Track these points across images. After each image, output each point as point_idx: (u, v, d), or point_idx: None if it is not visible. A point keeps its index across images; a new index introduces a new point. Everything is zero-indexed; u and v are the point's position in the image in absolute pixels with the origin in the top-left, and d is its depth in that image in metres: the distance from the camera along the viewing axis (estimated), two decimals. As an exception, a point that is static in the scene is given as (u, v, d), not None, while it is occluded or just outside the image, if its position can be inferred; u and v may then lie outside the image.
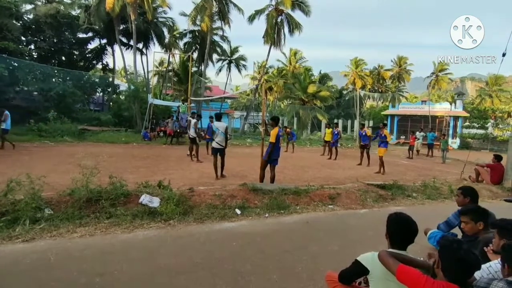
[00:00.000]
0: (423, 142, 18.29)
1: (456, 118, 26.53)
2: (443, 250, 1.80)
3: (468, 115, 29.46)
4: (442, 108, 27.40)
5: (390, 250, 2.13)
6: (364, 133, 12.21)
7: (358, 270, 2.17)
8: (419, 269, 1.89)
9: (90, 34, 27.34)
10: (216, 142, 7.91)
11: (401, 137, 27.90)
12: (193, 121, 11.11)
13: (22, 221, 3.98)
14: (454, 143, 25.98)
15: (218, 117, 8.30)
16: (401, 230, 2.15)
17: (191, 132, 10.88)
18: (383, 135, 10.76)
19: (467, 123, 30.09)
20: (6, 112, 11.20)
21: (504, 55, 7.77)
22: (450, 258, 1.74)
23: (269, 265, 3.37)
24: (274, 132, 6.80)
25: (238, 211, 5.13)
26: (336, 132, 14.12)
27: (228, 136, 8.35)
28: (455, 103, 28.08)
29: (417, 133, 17.95)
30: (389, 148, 11.59)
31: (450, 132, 26.58)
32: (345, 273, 2.29)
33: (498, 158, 8.88)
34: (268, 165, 7.00)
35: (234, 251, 3.72)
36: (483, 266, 2.02)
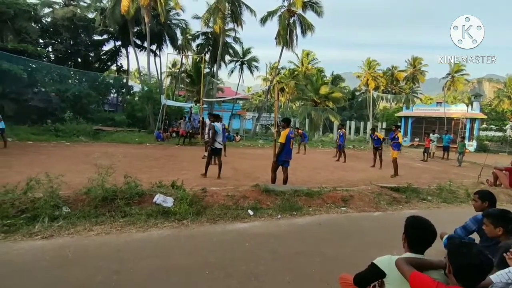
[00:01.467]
0: (438, 144, 17.88)
1: (472, 120, 25.83)
2: (452, 255, 1.75)
3: (485, 117, 28.68)
4: (458, 110, 26.72)
5: (407, 254, 2.10)
6: (376, 137, 12.04)
7: (374, 273, 2.14)
8: (436, 271, 1.87)
9: (105, 36, 27.95)
10: (218, 142, 8.02)
11: (415, 139, 27.37)
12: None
13: (41, 218, 4.09)
14: (470, 145, 25.29)
15: (217, 118, 8.43)
16: (419, 233, 2.11)
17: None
18: (396, 137, 10.58)
19: (484, 125, 29.31)
20: None
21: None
22: (460, 263, 1.69)
23: (282, 266, 3.37)
24: (284, 133, 6.81)
25: (250, 212, 5.14)
26: (341, 134, 13.79)
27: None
28: (471, 105, 27.36)
29: (431, 135, 17.54)
30: (403, 151, 11.41)
31: (467, 134, 25.86)
32: (361, 276, 2.26)
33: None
34: (280, 166, 6.98)
35: (247, 252, 3.73)
36: (502, 271, 1.96)
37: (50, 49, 24.96)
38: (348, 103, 38.37)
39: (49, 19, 24.27)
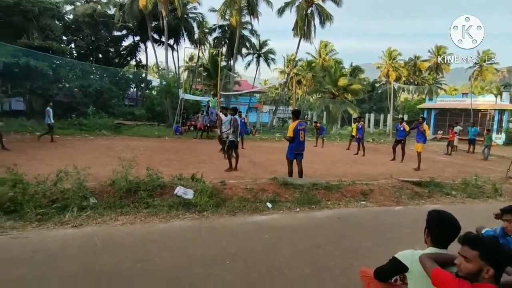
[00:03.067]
0: (460, 137, 17.21)
1: (501, 111, 24.57)
2: (483, 247, 1.66)
3: (515, 108, 27.22)
4: (485, 101, 25.48)
5: (430, 249, 2.07)
6: (402, 128, 11.67)
7: (396, 268, 2.13)
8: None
9: (124, 32, 28.50)
10: (230, 134, 8.24)
11: (439, 132, 26.42)
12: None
13: (71, 208, 4.31)
14: (499, 138, 24.16)
15: (235, 111, 8.61)
16: (442, 228, 2.06)
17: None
18: (422, 129, 10.24)
19: (514, 117, 27.83)
20: None
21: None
22: (495, 253, 1.63)
23: (301, 259, 3.39)
24: (291, 126, 6.71)
25: (269, 205, 5.18)
26: (360, 127, 13.29)
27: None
28: (501, 95, 25.99)
29: (455, 127, 16.87)
30: (426, 144, 11.08)
31: (495, 127, 24.68)
32: (382, 270, 2.26)
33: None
34: (295, 160, 6.94)
35: (266, 244, 3.77)
36: None
37: (72, 45, 25.77)
38: (367, 95, 37.42)
39: (71, 16, 25.02)
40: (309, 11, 24.66)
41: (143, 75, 29.17)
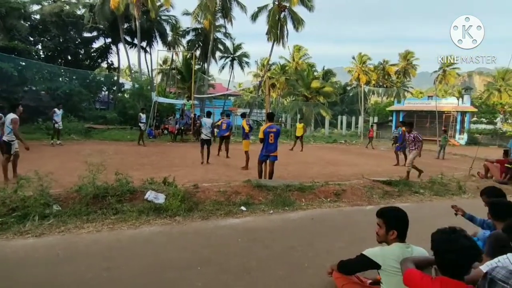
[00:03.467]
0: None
1: (463, 113, 26.18)
2: (436, 244, 1.74)
3: (476, 110, 29.07)
4: (449, 103, 27.04)
5: (397, 245, 2.14)
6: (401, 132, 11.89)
7: (365, 264, 2.19)
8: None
9: (95, 33, 27.51)
10: (205, 135, 9.72)
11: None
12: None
13: (32, 217, 4.04)
14: (461, 139, 25.68)
15: (208, 114, 10.59)
16: (402, 222, 2.18)
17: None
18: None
19: (475, 118, 29.69)
20: None
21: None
22: (444, 252, 1.68)
23: (275, 261, 3.37)
24: (262, 128, 6.96)
25: (243, 208, 5.14)
26: (400, 134, 12.09)
27: (213, 130, 10.58)
28: (462, 98, 27.68)
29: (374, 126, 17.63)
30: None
31: (458, 127, 26.22)
32: (348, 264, 2.31)
33: (508, 154, 8.76)
34: (267, 161, 7.00)
35: (240, 247, 3.73)
36: (492, 261, 1.98)
37: (39, 46, 24.49)
38: (339, 97, 38.48)
39: (38, 16, 23.77)
40: (281, 16, 25.04)
41: (115, 77, 28.24)
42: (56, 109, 12.74)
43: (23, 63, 18.98)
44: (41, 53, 24.30)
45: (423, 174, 8.68)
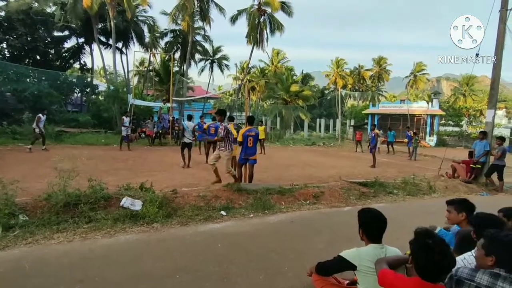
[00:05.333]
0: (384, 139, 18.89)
1: (433, 116, 27.42)
2: (416, 253, 1.78)
3: (444, 113, 30.55)
4: (419, 107, 28.24)
5: (370, 246, 2.21)
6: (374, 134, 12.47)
7: (341, 266, 2.24)
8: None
9: (66, 33, 26.38)
10: (187, 138, 9.71)
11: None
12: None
13: (-5, 228, 3.77)
14: (431, 140, 26.86)
15: (189, 118, 10.30)
16: (374, 223, 2.24)
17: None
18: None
19: (443, 121, 31.22)
20: None
21: (477, 55, 8.09)
22: (423, 262, 1.73)
23: (255, 266, 3.35)
24: (241, 131, 6.87)
25: (223, 213, 5.08)
26: (373, 135, 12.65)
27: (195, 133, 10.35)
28: (431, 102, 29.02)
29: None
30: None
31: (427, 129, 27.42)
32: (325, 265, 2.35)
33: (472, 155, 9.24)
34: (247, 164, 6.97)
35: (219, 253, 3.67)
36: (458, 258, 2.06)
37: (4, 45, 23.16)
38: (317, 101, 39.25)
39: (3, 13, 22.48)
40: (261, 20, 25.20)
41: (89, 79, 27.20)
42: (41, 115, 12.43)
43: (-16, 63, 17.88)
44: (6, 52, 23.01)
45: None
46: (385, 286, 1.85)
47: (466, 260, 2.04)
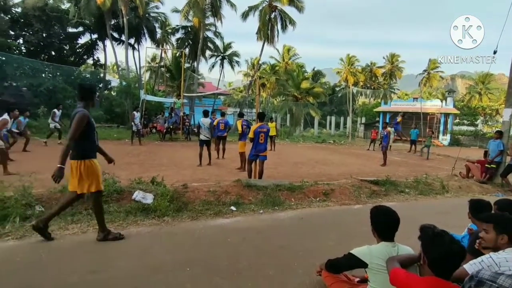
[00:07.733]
0: (397, 137, 18.64)
1: (446, 115, 26.87)
2: (426, 246, 1.79)
3: (458, 112, 29.89)
4: (433, 105, 27.70)
5: (381, 244, 2.20)
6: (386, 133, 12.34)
7: (352, 263, 2.23)
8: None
9: (80, 29, 26.86)
10: (203, 135, 9.25)
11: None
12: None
13: (12, 218, 3.89)
14: (444, 139, 26.34)
15: (205, 114, 9.62)
16: (385, 221, 2.23)
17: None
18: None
19: (457, 120, 30.56)
20: None
21: (495, 52, 7.87)
22: (433, 253, 1.73)
23: (265, 261, 3.36)
24: (252, 128, 6.92)
25: (233, 208, 5.11)
26: (385, 134, 12.31)
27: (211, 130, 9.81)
28: (445, 100, 28.42)
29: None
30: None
31: (441, 128, 26.90)
32: (336, 263, 2.34)
33: (487, 154, 9.03)
34: (257, 160, 7.00)
35: (229, 248, 3.70)
36: (475, 261, 2.02)
37: (21, 41, 23.71)
38: (328, 98, 38.87)
39: (19, 10, 23.01)
40: (272, 16, 25.07)
41: (102, 74, 27.67)
42: (56, 110, 12.68)
43: (3, 58, 18.33)
44: (22, 48, 23.55)
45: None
46: (397, 285, 1.84)
47: (484, 263, 1.99)
